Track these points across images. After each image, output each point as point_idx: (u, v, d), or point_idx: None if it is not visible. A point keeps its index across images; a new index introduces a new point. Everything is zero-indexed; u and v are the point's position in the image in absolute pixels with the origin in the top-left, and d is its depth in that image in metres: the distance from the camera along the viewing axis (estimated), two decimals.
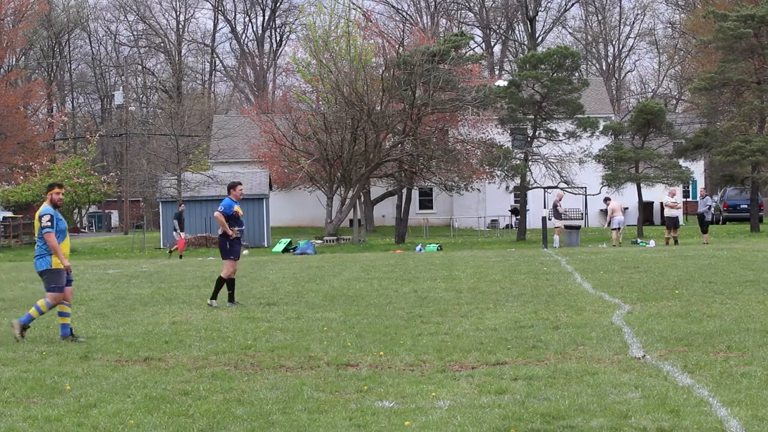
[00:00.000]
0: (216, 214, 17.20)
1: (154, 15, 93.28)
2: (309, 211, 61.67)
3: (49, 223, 12.88)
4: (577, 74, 48.01)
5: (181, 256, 38.10)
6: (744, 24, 45.52)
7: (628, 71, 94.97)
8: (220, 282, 17.07)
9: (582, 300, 16.24)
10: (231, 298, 17.17)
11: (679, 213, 36.72)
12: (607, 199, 39.64)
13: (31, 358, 11.49)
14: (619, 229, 37.48)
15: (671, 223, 35.67)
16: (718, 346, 10.91)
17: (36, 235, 13.19)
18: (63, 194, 13.29)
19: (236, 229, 17.06)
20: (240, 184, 17.62)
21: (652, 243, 36.69)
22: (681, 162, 47.27)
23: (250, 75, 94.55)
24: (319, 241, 45.75)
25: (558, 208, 38.00)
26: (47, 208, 13.04)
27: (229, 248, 17.09)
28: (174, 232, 40.14)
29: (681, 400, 8.25)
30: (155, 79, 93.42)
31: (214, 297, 16.99)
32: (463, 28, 79.16)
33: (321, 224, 53.77)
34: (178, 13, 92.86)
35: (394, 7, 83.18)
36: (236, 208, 17.12)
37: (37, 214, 13.10)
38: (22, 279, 25.73)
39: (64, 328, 13.13)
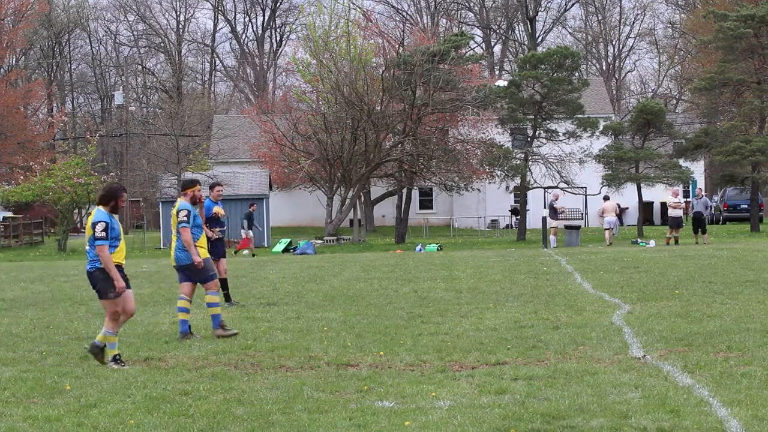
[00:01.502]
0: None
1: (154, 15, 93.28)
2: (309, 211, 61.67)
3: (185, 218, 13.06)
4: (577, 74, 48.02)
5: (247, 253, 38.11)
6: (744, 24, 45.52)
7: (628, 71, 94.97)
8: None
9: (582, 300, 16.24)
10: (227, 298, 17.18)
11: (681, 213, 36.81)
12: (605, 198, 39.93)
13: (31, 358, 11.50)
14: (611, 229, 37.77)
15: (674, 223, 35.73)
16: (718, 346, 10.91)
17: (174, 229, 13.38)
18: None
19: (217, 229, 17.08)
20: (219, 184, 17.61)
21: (652, 243, 36.71)
22: (681, 162, 47.26)
23: (250, 75, 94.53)
24: (319, 241, 45.75)
25: (555, 207, 38.07)
26: (185, 204, 13.19)
27: (210, 249, 17.14)
28: (242, 231, 40.26)
29: (681, 400, 8.24)
30: (155, 79, 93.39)
31: None
32: (463, 28, 79.12)
33: (321, 224, 53.78)
34: (178, 13, 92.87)
35: (394, 7, 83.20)
36: (216, 209, 17.11)
37: (174, 209, 13.26)
38: (22, 279, 25.72)
39: (183, 324, 13.12)
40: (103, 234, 10.79)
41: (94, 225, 10.83)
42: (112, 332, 11.01)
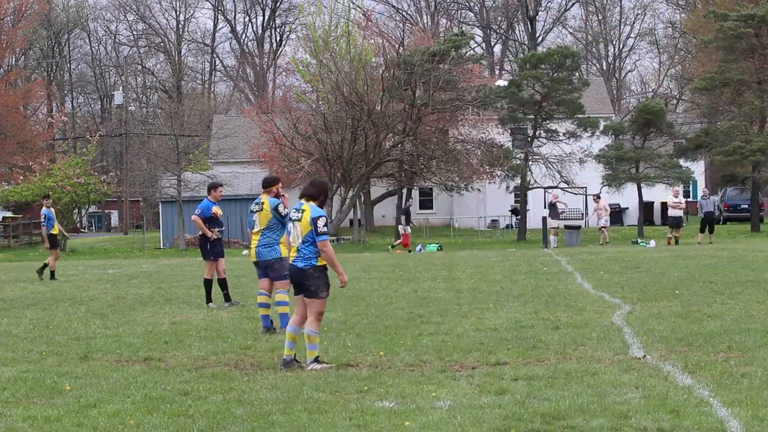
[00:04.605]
0: (193, 217, 17.38)
1: (154, 15, 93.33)
2: None
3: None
4: (577, 74, 48.04)
5: (409, 251, 37.80)
6: (744, 24, 45.54)
7: (629, 71, 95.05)
8: (207, 283, 17.13)
9: (582, 300, 16.22)
10: (227, 298, 17.19)
11: (681, 213, 36.86)
12: (597, 197, 40.47)
13: (31, 358, 11.48)
14: (606, 227, 38.17)
15: (674, 223, 35.74)
16: (719, 347, 10.89)
17: (263, 225, 13.67)
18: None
19: (216, 230, 17.17)
20: (221, 185, 17.70)
21: (652, 243, 36.71)
22: (681, 162, 47.28)
23: (250, 75, 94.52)
24: None
25: (557, 207, 38.13)
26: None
27: (209, 249, 17.20)
28: (400, 226, 40.24)
29: (681, 401, 8.23)
30: (155, 79, 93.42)
31: (209, 300, 17.01)
32: (463, 28, 79.07)
33: None
34: (178, 12, 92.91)
35: (394, 7, 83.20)
36: (215, 209, 17.23)
37: (282, 206, 13.31)
38: (22, 279, 25.73)
39: (265, 319, 13.49)
40: (326, 229, 10.30)
41: (314, 220, 10.26)
42: (315, 332, 10.42)
